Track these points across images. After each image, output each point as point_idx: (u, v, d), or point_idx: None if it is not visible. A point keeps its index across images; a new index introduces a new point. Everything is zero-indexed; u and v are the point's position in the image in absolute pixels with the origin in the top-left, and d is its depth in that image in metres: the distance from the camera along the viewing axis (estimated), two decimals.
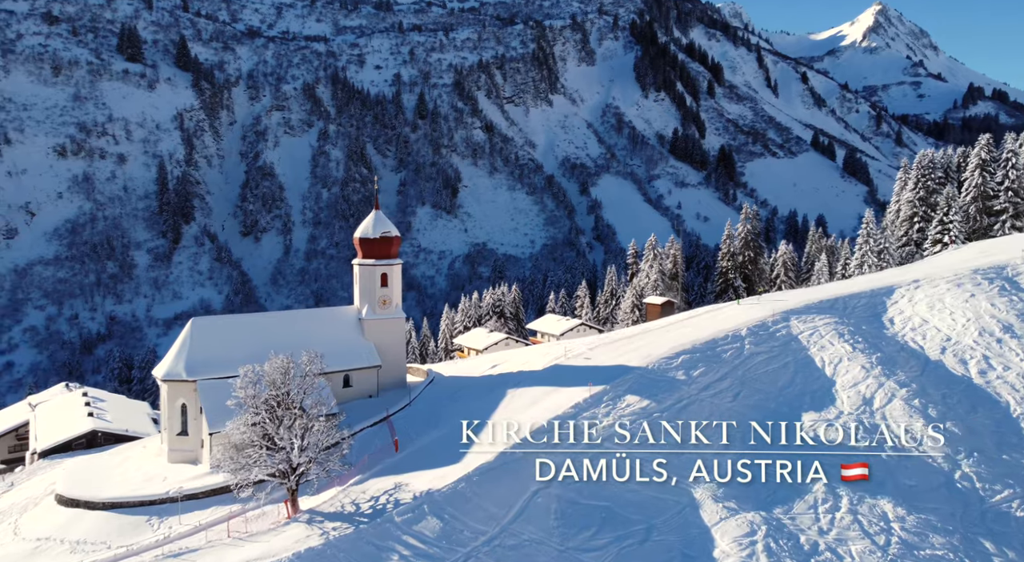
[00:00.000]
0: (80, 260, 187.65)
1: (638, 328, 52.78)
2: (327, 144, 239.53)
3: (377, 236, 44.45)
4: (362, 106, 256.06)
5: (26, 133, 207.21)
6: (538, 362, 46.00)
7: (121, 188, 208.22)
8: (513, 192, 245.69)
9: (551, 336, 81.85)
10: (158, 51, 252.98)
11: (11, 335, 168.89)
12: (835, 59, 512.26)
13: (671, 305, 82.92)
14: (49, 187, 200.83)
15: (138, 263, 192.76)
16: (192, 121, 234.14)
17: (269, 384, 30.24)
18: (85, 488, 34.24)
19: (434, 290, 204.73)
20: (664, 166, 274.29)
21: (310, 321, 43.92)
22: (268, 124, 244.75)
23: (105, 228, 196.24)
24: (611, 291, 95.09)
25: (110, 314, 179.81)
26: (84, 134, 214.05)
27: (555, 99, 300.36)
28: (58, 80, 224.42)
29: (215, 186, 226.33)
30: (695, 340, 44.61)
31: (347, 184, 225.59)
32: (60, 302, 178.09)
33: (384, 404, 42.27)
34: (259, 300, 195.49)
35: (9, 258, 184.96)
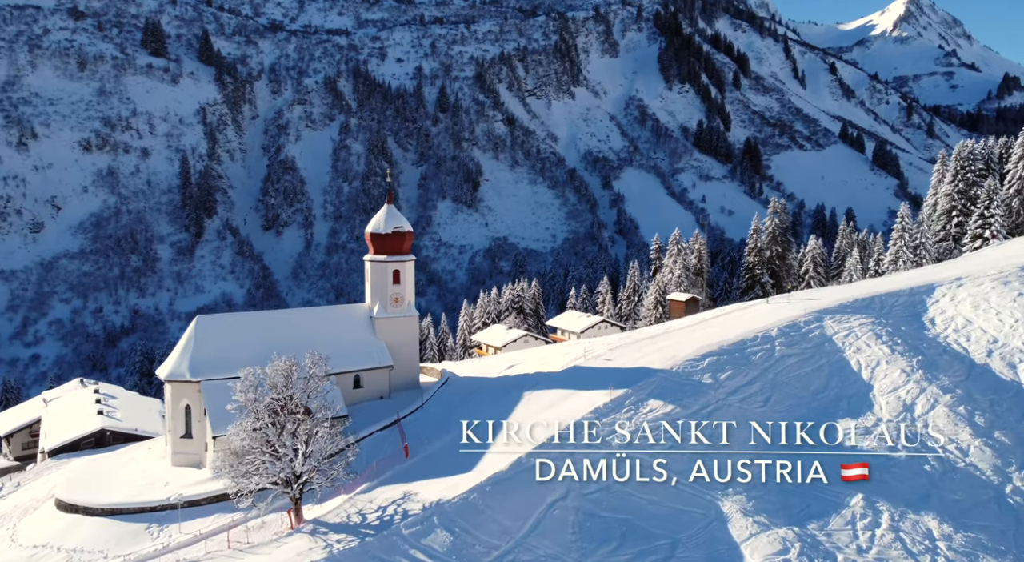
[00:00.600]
0: (104, 254, 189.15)
1: (661, 327, 50.59)
2: (348, 138, 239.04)
3: (389, 231, 42.77)
4: (383, 100, 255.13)
5: (52, 128, 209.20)
6: (556, 363, 44.07)
7: (145, 182, 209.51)
8: (534, 186, 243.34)
9: (571, 333, 79.86)
10: (181, 45, 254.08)
11: (37, 328, 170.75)
12: (864, 49, 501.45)
13: (696, 302, 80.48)
14: (74, 181, 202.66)
15: (161, 257, 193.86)
16: (215, 115, 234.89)
17: (271, 388, 28.63)
18: (84, 493, 33.08)
19: (454, 284, 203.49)
20: (688, 159, 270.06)
21: (320, 320, 42.39)
22: (290, 118, 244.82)
23: (129, 222, 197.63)
24: (633, 287, 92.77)
25: (133, 308, 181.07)
26: (109, 128, 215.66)
27: (577, 92, 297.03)
28: (83, 75, 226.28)
29: (237, 180, 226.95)
30: (722, 341, 42.36)
31: (368, 178, 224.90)
32: (85, 295, 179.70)
33: (396, 406, 40.65)
34: (280, 294, 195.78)
35: (35, 251, 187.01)
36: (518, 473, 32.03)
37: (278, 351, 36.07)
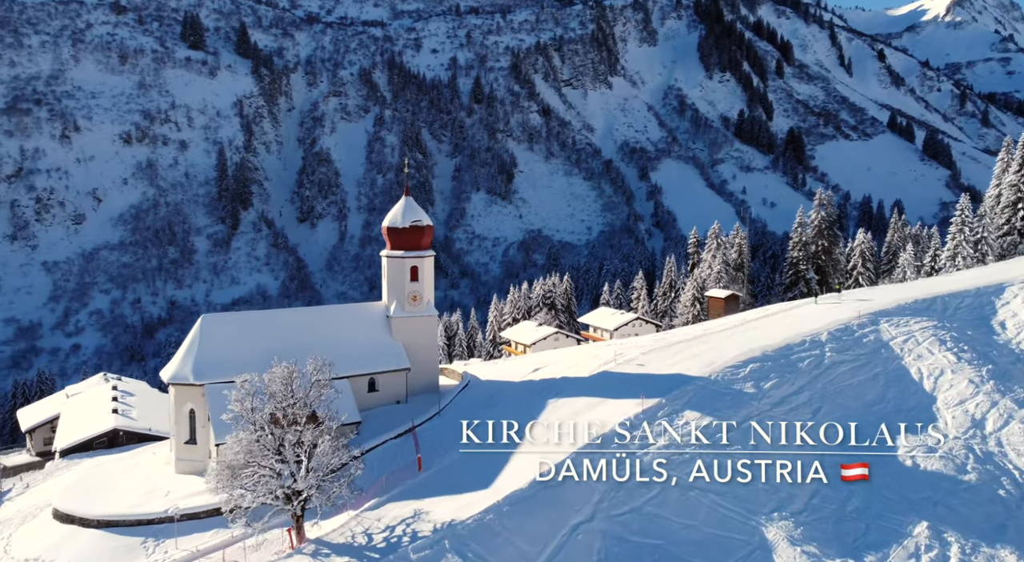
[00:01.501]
0: (143, 245, 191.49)
1: (699, 329, 47.16)
2: (382, 129, 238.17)
3: (407, 225, 40.25)
4: (418, 91, 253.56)
5: (94, 120, 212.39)
6: (585, 366, 41.09)
7: (182, 174, 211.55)
8: (570, 177, 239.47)
9: (604, 331, 76.72)
10: (219, 38, 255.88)
11: (78, 318, 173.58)
12: (915, 35, 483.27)
13: (736, 299, 76.59)
14: (115, 173, 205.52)
15: (198, 248, 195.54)
16: (251, 107, 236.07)
17: (269, 396, 26.28)
18: (81, 502, 31.38)
19: (488, 277, 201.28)
20: (728, 150, 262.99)
21: (333, 319, 40.10)
22: (325, 110, 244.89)
23: (167, 214, 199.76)
24: (670, 282, 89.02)
25: (171, 299, 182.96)
26: (148, 121, 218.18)
27: (615, 81, 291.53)
28: (124, 68, 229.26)
29: (273, 172, 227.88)
30: (766, 346, 38.89)
31: (401, 170, 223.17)
32: (124, 286, 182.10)
33: (412, 411, 38.17)
34: (315, 286, 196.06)
35: (77, 243, 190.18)
36: (539, 491, 29.27)
37: (288, 352, 33.81)
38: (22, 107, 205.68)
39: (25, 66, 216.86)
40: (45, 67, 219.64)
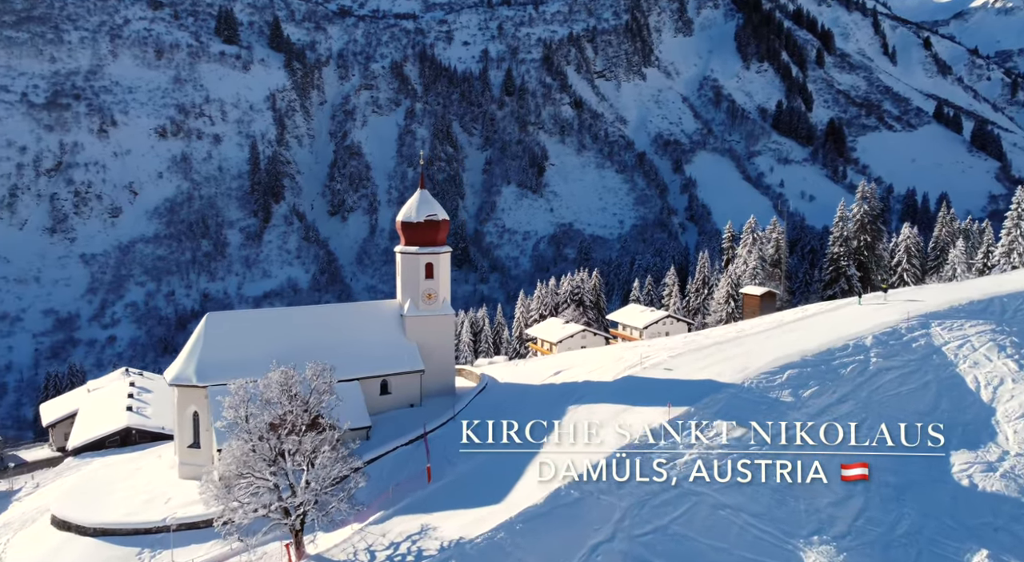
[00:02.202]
0: (177, 238, 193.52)
1: (732, 330, 44.43)
2: (413, 123, 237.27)
3: (421, 220, 38.30)
4: (449, 83, 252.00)
5: (130, 115, 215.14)
6: (609, 370, 38.77)
7: (216, 168, 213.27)
8: (602, 170, 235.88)
9: (633, 329, 74.13)
10: (253, 33, 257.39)
11: (114, 310, 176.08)
12: (963, 22, 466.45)
13: (772, 296, 73.34)
14: (150, 167, 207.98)
15: (230, 241, 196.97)
16: (284, 101, 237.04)
17: (264, 403, 24.54)
18: (79, 509, 30.21)
19: (518, 272, 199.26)
20: (766, 141, 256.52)
21: (344, 317, 38.42)
22: (356, 103, 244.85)
23: (200, 207, 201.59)
24: (703, 279, 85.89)
25: (204, 291, 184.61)
26: (183, 115, 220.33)
27: (649, 72, 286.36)
28: (160, 63, 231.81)
29: (305, 165, 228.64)
30: (805, 350, 36.15)
31: (432, 163, 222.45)
32: (158, 279, 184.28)
33: (426, 415, 36.28)
34: (345, 279, 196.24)
35: (114, 236, 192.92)
36: (555, 508, 27.17)
37: (296, 352, 32.20)
38: (62, 102, 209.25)
39: (65, 62, 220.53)
40: (84, 62, 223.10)
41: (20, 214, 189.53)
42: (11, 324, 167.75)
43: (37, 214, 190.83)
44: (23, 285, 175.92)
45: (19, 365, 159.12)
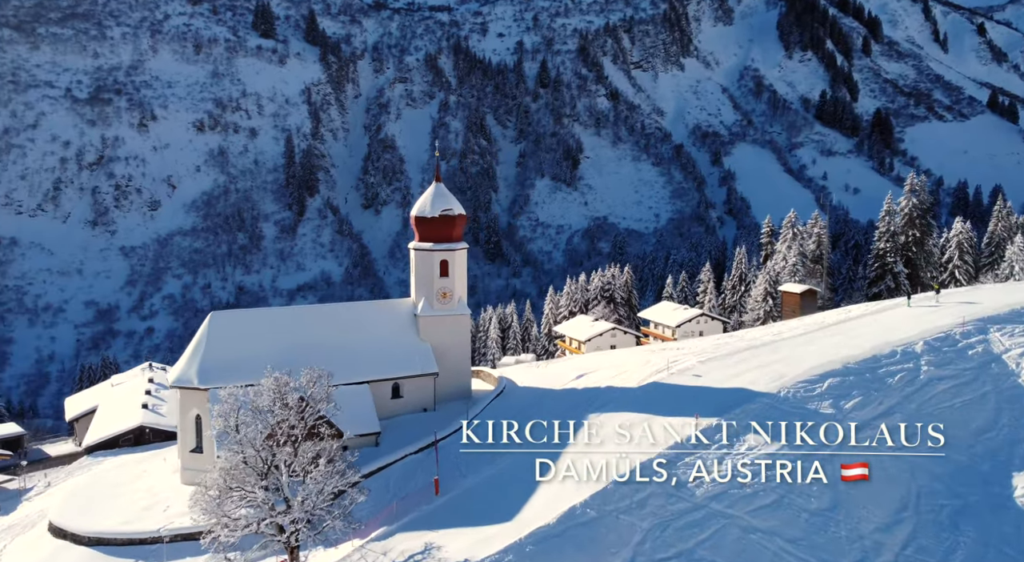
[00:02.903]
0: (214, 231, 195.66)
1: (768, 333, 41.66)
2: (447, 115, 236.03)
3: (436, 214, 36.39)
4: (483, 76, 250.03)
5: (169, 109, 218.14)
6: (634, 374, 36.44)
7: (252, 161, 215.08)
8: (638, 163, 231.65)
9: (666, 327, 71.41)
10: (289, 26, 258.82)
11: (152, 302, 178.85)
12: (1020, 7, 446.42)
13: (812, 294, 70.00)
14: (188, 161, 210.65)
15: (265, 235, 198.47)
16: (319, 95, 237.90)
17: (254, 412, 22.91)
18: (76, 516, 29.19)
19: (551, 266, 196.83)
20: (808, 133, 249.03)
21: (355, 317, 36.79)
22: (391, 96, 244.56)
23: (236, 200, 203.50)
24: (740, 275, 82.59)
25: (239, 284, 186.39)
26: (220, 109, 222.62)
27: (687, 63, 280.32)
28: (199, 58, 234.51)
29: (339, 159, 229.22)
30: (848, 356, 33.36)
31: (465, 156, 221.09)
32: (195, 271, 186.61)
33: (440, 421, 34.46)
34: (377, 273, 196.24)
35: (153, 229, 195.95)
36: (569, 529, 25.08)
37: (304, 353, 30.66)
38: (104, 97, 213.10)
39: (107, 57, 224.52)
40: (125, 58, 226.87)
41: (63, 207, 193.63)
42: (54, 315, 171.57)
43: (79, 207, 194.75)
44: (66, 277, 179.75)
45: (61, 355, 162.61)
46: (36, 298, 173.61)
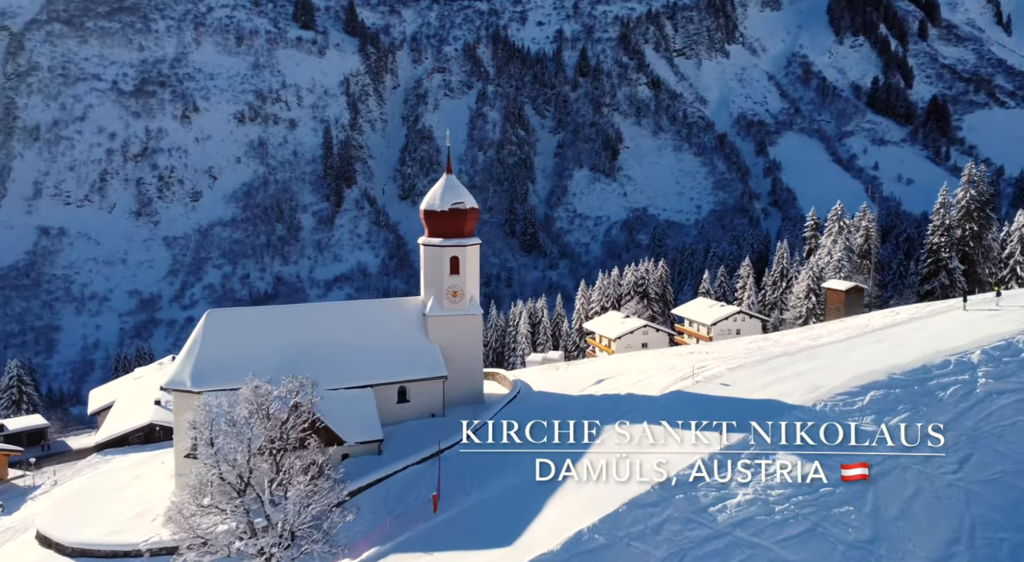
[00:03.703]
0: (253, 222, 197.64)
1: (806, 335, 38.49)
2: (485, 106, 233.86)
3: (445, 208, 34.28)
4: (522, 65, 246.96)
5: (211, 101, 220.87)
6: (657, 381, 33.83)
7: (291, 153, 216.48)
8: (679, 153, 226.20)
9: (701, 325, 68.24)
10: (329, 17, 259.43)
11: (193, 292, 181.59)
12: None
13: (859, 292, 66.15)
14: (229, 152, 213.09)
15: (303, 226, 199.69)
16: (357, 86, 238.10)
17: (229, 425, 21.14)
18: (63, 524, 28.12)
19: (588, 258, 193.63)
20: (859, 121, 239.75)
21: (360, 316, 34.96)
22: (429, 87, 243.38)
23: (275, 191, 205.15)
24: (781, 271, 78.66)
25: (277, 275, 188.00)
26: (260, 101, 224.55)
27: (732, 50, 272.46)
28: (240, 50, 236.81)
29: (377, 150, 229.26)
30: (894, 366, 30.18)
31: (503, 146, 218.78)
32: (235, 262, 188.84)
33: (448, 428, 32.40)
34: (413, 264, 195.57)
35: (194, 219, 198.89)
36: (575, 556, 22.75)
37: (304, 355, 28.91)
38: (148, 89, 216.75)
39: (152, 50, 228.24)
40: (170, 51, 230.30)
41: (109, 198, 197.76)
42: (99, 304, 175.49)
43: (124, 198, 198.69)
44: (111, 266, 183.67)
45: (105, 343, 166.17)
46: (83, 287, 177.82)
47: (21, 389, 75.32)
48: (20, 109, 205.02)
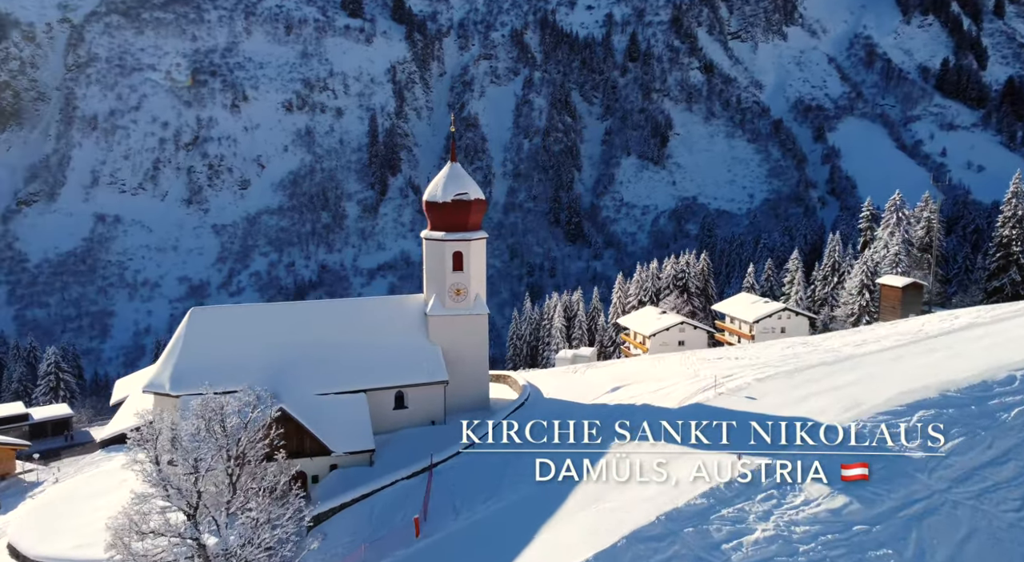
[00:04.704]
0: (299, 210, 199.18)
1: (848, 341, 34.62)
2: (531, 92, 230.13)
3: (448, 199, 31.68)
4: (569, 50, 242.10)
5: (260, 90, 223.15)
6: (676, 391, 30.68)
7: (337, 141, 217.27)
8: (732, 140, 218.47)
9: (742, 322, 64.23)
10: (376, 5, 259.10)
11: (240, 279, 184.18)
12: None
13: (918, 288, 61.31)
14: (277, 141, 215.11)
15: (348, 214, 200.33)
16: (404, 73, 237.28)
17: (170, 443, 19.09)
18: (33, 535, 26.86)
19: (634, 248, 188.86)
20: (926, 105, 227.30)
21: (356, 315, 32.72)
22: (475, 73, 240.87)
23: (321, 180, 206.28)
24: (832, 264, 73.72)
25: (321, 263, 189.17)
26: (308, 90, 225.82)
27: (790, 31, 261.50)
28: (289, 38, 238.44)
29: (422, 138, 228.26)
30: (948, 381, 26.42)
31: (549, 134, 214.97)
32: (280, 249, 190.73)
33: (450, 436, 29.98)
34: None
35: (243, 207, 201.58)
36: None
37: (292, 357, 26.85)
38: (200, 79, 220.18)
39: (204, 40, 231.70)
40: (221, 40, 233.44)
41: (162, 186, 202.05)
42: (151, 290, 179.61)
43: (176, 186, 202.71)
44: (162, 253, 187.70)
45: (156, 329, 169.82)
46: (135, 273, 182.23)
47: (59, 376, 76.29)
48: (79, 100, 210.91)
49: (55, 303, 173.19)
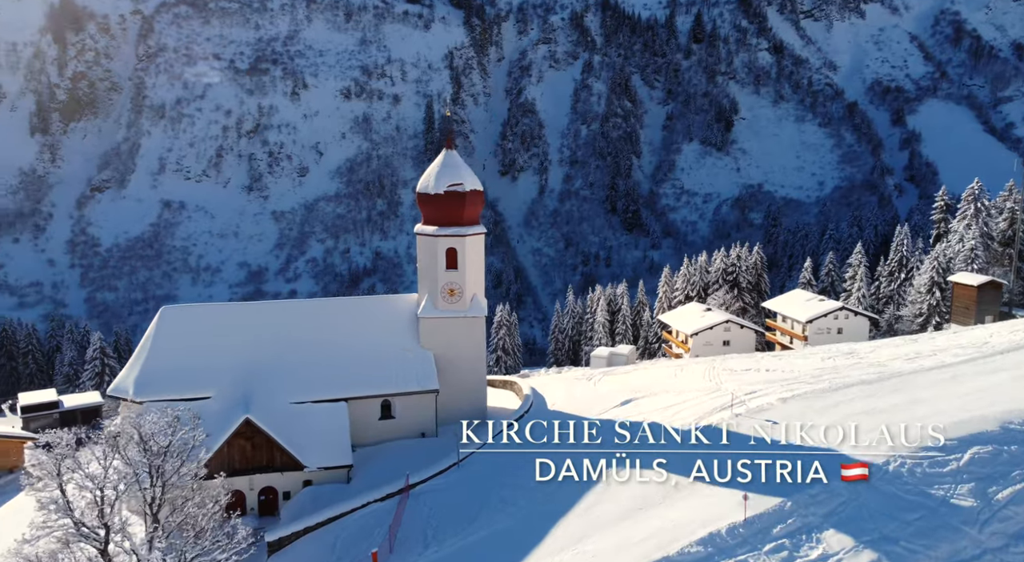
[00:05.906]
0: (355, 197, 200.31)
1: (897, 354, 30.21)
2: (590, 77, 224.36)
3: (441, 191, 28.87)
4: (631, 33, 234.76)
5: (319, 77, 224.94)
6: (691, 409, 27.19)
7: (394, 128, 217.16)
8: (801, 124, 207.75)
9: (795, 322, 59.39)
10: None
11: (296, 265, 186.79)
12: None
13: (996, 288, 55.40)
14: (335, 128, 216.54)
15: (403, 201, 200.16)
16: (461, 59, 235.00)
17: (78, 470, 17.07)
18: None
19: (695, 237, 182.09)
20: (1019, 85, 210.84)
21: (342, 315, 30.32)
22: (533, 58, 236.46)
23: (377, 167, 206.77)
24: (900, 259, 67.62)
25: (376, 250, 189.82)
26: (366, 77, 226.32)
27: (869, 9, 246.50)
28: (348, 25, 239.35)
29: (479, 124, 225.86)
30: (1011, 411, 22.12)
31: (607, 120, 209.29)
32: (336, 236, 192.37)
33: (440, 450, 27.40)
34: (510, 241, 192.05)
35: (300, 194, 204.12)
36: None
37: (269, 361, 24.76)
38: (262, 67, 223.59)
39: (267, 29, 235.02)
40: (283, 29, 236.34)
41: (224, 173, 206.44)
42: (212, 275, 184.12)
43: (238, 173, 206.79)
44: (224, 239, 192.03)
45: None
46: (198, 258, 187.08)
47: (104, 362, 77.54)
48: (148, 89, 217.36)
49: (123, 287, 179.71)
